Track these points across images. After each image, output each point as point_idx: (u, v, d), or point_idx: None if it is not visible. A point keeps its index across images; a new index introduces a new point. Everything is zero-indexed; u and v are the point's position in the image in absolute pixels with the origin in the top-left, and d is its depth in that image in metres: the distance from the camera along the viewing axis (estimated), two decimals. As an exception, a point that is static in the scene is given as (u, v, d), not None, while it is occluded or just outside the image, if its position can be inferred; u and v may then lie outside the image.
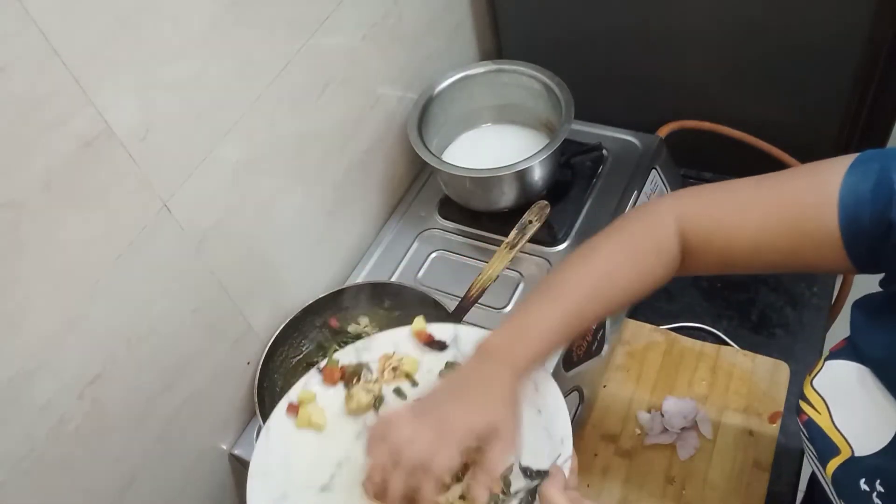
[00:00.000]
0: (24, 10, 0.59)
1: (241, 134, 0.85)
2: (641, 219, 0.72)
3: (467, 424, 0.61)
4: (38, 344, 0.68)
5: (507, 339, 0.68)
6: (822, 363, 0.68)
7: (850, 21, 1.02)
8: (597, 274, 0.70)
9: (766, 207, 0.66)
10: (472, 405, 0.63)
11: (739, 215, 0.67)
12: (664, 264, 0.70)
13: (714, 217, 0.69)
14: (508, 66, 1.16)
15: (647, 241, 0.70)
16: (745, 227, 0.66)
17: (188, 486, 0.92)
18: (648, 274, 0.71)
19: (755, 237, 0.66)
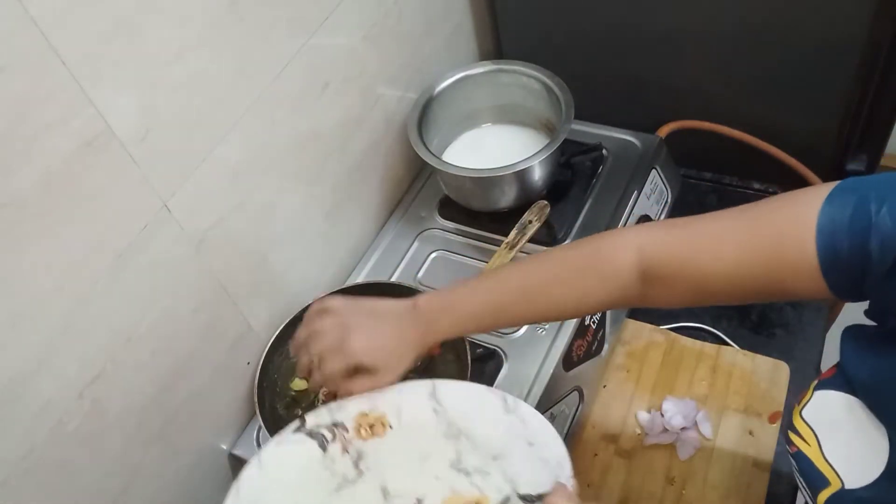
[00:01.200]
0: (24, 10, 0.59)
1: (241, 134, 0.85)
2: (601, 241, 0.73)
3: (360, 354, 0.71)
4: (38, 344, 0.68)
5: (438, 306, 0.74)
6: (812, 393, 0.67)
7: (850, 21, 1.02)
8: (534, 280, 0.73)
9: (743, 236, 0.64)
10: (376, 343, 0.72)
11: (716, 245, 0.66)
12: (607, 290, 0.71)
13: (688, 248, 0.67)
14: (508, 66, 1.16)
15: (595, 264, 0.71)
16: (721, 257, 0.65)
17: (188, 486, 0.92)
18: (582, 294, 0.72)
19: (732, 267, 0.64)
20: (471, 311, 0.74)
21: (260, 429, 0.95)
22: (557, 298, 0.73)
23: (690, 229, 0.68)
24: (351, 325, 0.72)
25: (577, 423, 1.01)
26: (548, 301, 0.73)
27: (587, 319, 1.01)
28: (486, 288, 0.74)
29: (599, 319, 1.05)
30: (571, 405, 1.00)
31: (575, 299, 0.72)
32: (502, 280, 0.75)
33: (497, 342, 0.99)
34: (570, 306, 0.73)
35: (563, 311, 0.74)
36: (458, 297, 0.74)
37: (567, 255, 0.74)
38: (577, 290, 0.72)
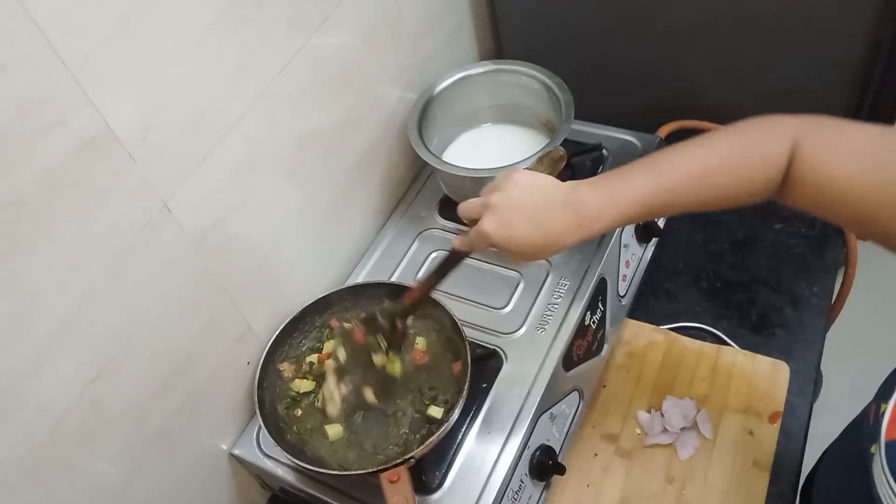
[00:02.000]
0: (23, 10, 0.59)
1: (241, 134, 0.85)
2: (762, 128, 0.71)
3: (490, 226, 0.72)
4: (38, 344, 0.68)
5: (600, 200, 0.71)
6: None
7: (850, 21, 1.03)
8: (700, 164, 0.71)
9: (867, 158, 0.62)
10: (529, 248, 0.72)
11: (841, 160, 0.64)
12: (765, 180, 0.69)
13: (820, 154, 0.66)
14: (508, 66, 1.16)
15: (759, 149, 0.69)
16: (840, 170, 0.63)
17: (188, 486, 0.92)
18: (747, 183, 0.70)
19: (846, 186, 0.63)
20: (636, 202, 0.71)
21: (260, 429, 0.95)
22: (723, 184, 0.71)
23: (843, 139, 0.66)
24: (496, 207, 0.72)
25: (577, 423, 1.01)
26: (714, 189, 0.71)
27: (587, 319, 1.01)
28: (652, 175, 0.71)
29: (599, 319, 1.05)
30: (571, 405, 1.00)
31: (737, 186, 0.70)
32: (666, 165, 0.72)
33: (497, 342, 0.99)
34: (733, 193, 0.71)
35: (727, 199, 0.72)
36: (621, 188, 0.71)
37: (732, 141, 0.71)
38: (743, 178, 0.70)
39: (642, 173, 0.72)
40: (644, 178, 0.71)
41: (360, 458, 0.90)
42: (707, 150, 0.72)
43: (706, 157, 0.71)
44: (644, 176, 0.71)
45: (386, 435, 0.91)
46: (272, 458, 0.95)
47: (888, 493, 0.62)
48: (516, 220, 0.71)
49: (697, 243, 1.24)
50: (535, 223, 0.71)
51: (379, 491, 0.82)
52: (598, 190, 0.72)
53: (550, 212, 0.71)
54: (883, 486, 0.63)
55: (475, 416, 0.93)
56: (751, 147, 0.70)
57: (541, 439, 0.93)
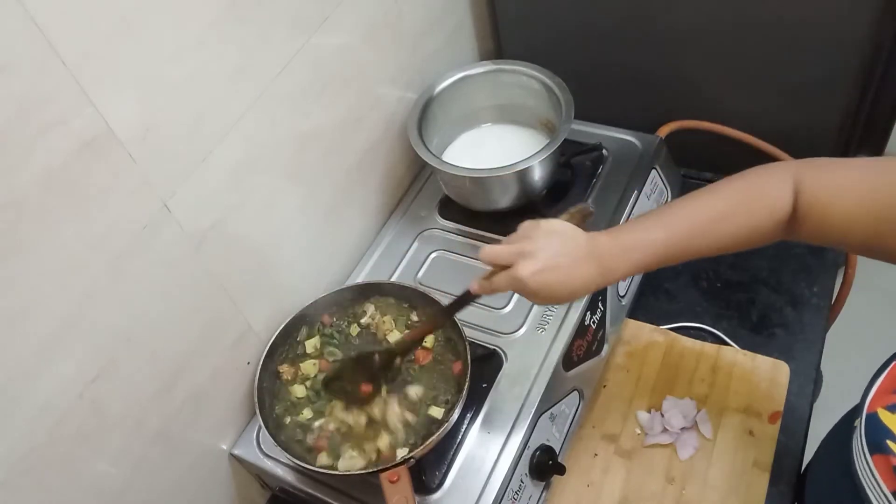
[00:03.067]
0: (24, 10, 0.59)
1: (241, 134, 0.85)
2: (764, 174, 0.75)
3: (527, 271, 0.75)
4: (38, 344, 0.68)
5: (615, 250, 0.77)
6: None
7: (850, 21, 1.03)
8: (711, 213, 0.76)
9: (863, 189, 0.67)
10: (558, 295, 0.77)
11: (838, 193, 0.69)
12: (774, 222, 0.74)
13: (819, 191, 0.71)
14: (508, 66, 1.16)
15: (764, 195, 0.74)
16: (838, 204, 0.69)
17: (188, 486, 0.92)
18: (757, 226, 0.75)
19: (846, 217, 0.68)
20: (653, 253, 0.76)
21: (260, 429, 0.95)
22: (734, 230, 0.75)
23: (852, 173, 0.71)
24: (533, 254, 0.76)
25: (577, 423, 1.01)
26: (725, 235, 0.76)
27: (587, 319, 1.01)
28: (663, 226, 0.76)
29: (599, 319, 1.05)
30: (571, 405, 1.00)
31: (748, 230, 0.75)
32: (682, 218, 0.77)
33: (497, 342, 0.99)
34: (744, 238, 0.76)
35: (738, 243, 0.77)
36: (634, 239, 0.77)
37: (738, 188, 0.76)
38: (752, 223, 0.75)
39: (655, 225, 0.77)
40: (657, 231, 0.76)
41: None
42: (714, 200, 0.77)
43: (712, 208, 0.76)
44: (657, 228, 0.77)
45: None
46: (272, 458, 0.95)
47: (864, 466, 0.63)
48: (550, 269, 0.75)
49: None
50: (566, 274, 0.76)
51: (379, 491, 0.82)
52: (617, 242, 0.77)
53: (577, 263, 0.76)
54: (860, 459, 0.64)
55: (475, 416, 0.93)
56: (755, 194, 0.75)
57: (541, 439, 0.93)
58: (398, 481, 0.82)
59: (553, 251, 0.76)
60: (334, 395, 0.93)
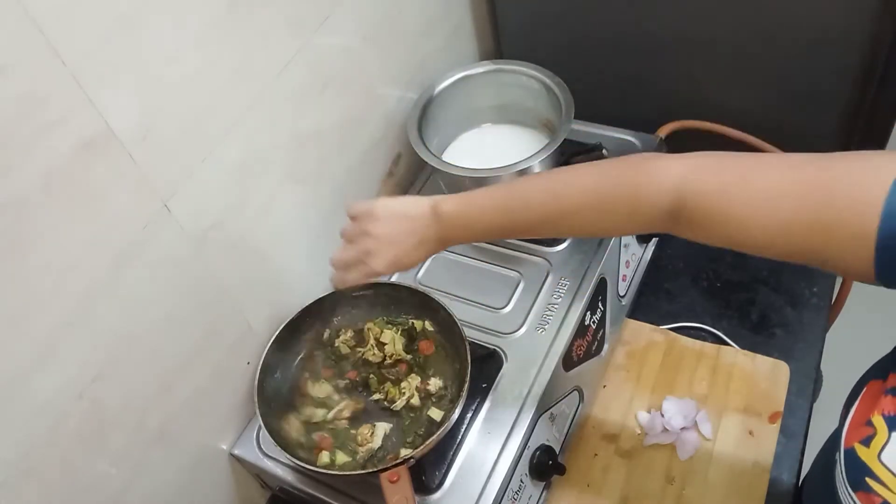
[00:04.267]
0: (23, 10, 0.59)
1: (241, 134, 0.85)
2: (638, 170, 0.68)
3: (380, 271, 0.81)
4: (38, 344, 0.68)
5: (459, 221, 0.78)
6: (888, 434, 0.58)
7: (850, 21, 1.03)
8: (563, 206, 0.72)
9: (798, 192, 0.58)
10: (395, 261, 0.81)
11: (764, 198, 0.60)
12: (635, 223, 0.70)
13: (733, 197, 0.62)
14: (508, 66, 1.16)
15: (629, 194, 0.68)
16: (768, 213, 0.60)
17: (188, 486, 0.92)
18: (613, 226, 0.73)
19: (775, 225, 0.60)
20: (488, 229, 0.77)
21: (260, 429, 0.95)
22: (583, 225, 0.72)
23: (741, 174, 0.63)
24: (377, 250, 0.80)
25: (577, 423, 1.01)
26: (571, 227, 0.74)
27: (587, 319, 1.01)
28: (511, 207, 0.75)
29: (599, 319, 1.05)
30: (571, 405, 1.00)
31: (601, 229, 0.74)
32: (528, 200, 0.74)
33: (497, 342, 0.99)
34: (592, 232, 0.76)
35: (583, 234, 0.77)
36: (479, 212, 0.77)
37: (601, 180, 0.70)
38: (606, 220, 0.70)
39: (504, 210, 0.76)
40: (505, 216, 0.75)
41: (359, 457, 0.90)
42: (572, 187, 0.71)
43: (568, 197, 0.71)
44: (505, 214, 0.75)
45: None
46: (272, 458, 0.95)
47: (848, 500, 0.60)
48: (400, 252, 0.80)
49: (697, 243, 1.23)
50: (414, 253, 0.80)
51: (379, 491, 0.82)
52: (461, 218, 0.78)
53: (423, 242, 0.80)
54: (844, 496, 0.61)
55: (475, 416, 0.93)
56: (619, 191, 0.69)
57: (541, 439, 0.93)
58: (398, 481, 0.82)
59: (399, 239, 0.80)
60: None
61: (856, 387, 0.65)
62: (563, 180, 0.73)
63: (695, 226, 0.65)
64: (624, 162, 0.70)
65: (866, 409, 0.61)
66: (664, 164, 0.67)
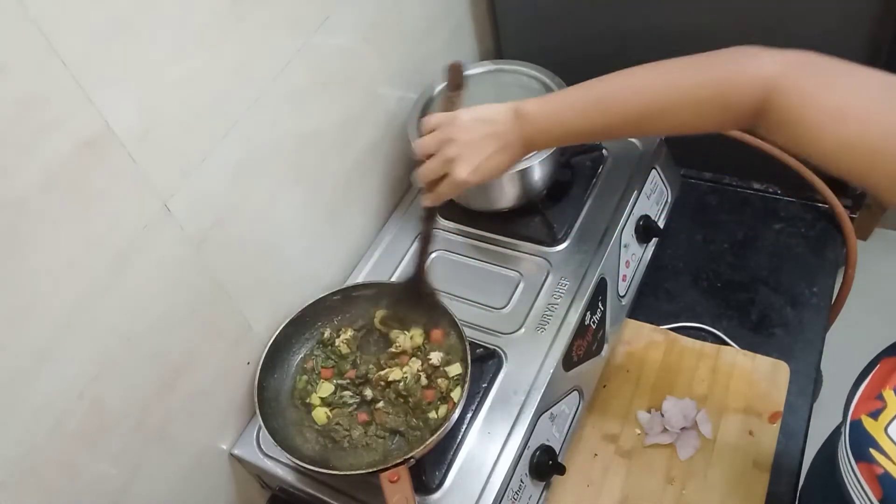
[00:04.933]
0: (24, 10, 0.59)
1: (241, 134, 0.85)
2: (735, 60, 0.68)
3: (464, 182, 0.78)
4: (38, 344, 0.68)
5: (544, 120, 0.76)
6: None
7: (850, 21, 1.03)
8: (652, 106, 0.71)
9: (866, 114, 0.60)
10: (478, 171, 0.78)
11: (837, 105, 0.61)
12: (725, 117, 0.69)
13: (812, 95, 0.62)
14: (508, 66, 1.16)
15: (724, 93, 0.67)
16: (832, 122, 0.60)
17: (188, 486, 0.92)
18: (700, 125, 0.70)
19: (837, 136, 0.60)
20: (572, 130, 0.75)
21: (260, 429, 0.95)
22: (671, 125, 0.72)
23: (827, 82, 0.63)
24: (460, 156, 0.77)
25: (577, 423, 1.01)
26: (659, 128, 0.73)
27: (587, 319, 1.01)
28: (599, 109, 0.74)
29: (599, 319, 1.05)
30: (571, 405, 1.00)
31: (689, 127, 0.71)
32: (617, 102, 0.73)
33: (497, 342, 0.99)
34: (680, 131, 0.72)
35: (679, 132, 0.73)
36: (566, 115, 0.75)
37: (693, 74, 0.70)
38: (695, 120, 0.70)
39: (594, 107, 0.75)
40: (593, 116, 0.74)
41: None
42: (660, 87, 0.72)
43: (662, 97, 0.71)
44: (594, 112, 0.74)
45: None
46: (272, 458, 0.95)
47: (850, 474, 0.62)
48: (484, 158, 0.77)
49: (697, 243, 1.24)
50: (499, 159, 0.77)
51: (379, 491, 0.82)
52: (545, 119, 0.76)
53: (507, 147, 0.77)
54: (846, 467, 0.62)
55: (475, 416, 0.93)
56: (715, 92, 0.68)
57: (541, 439, 0.93)
58: (398, 481, 0.82)
59: (477, 142, 0.77)
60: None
61: (868, 365, 0.65)
62: (649, 76, 0.72)
63: (773, 125, 0.65)
64: (716, 56, 0.69)
65: (877, 383, 0.62)
66: (760, 58, 0.66)
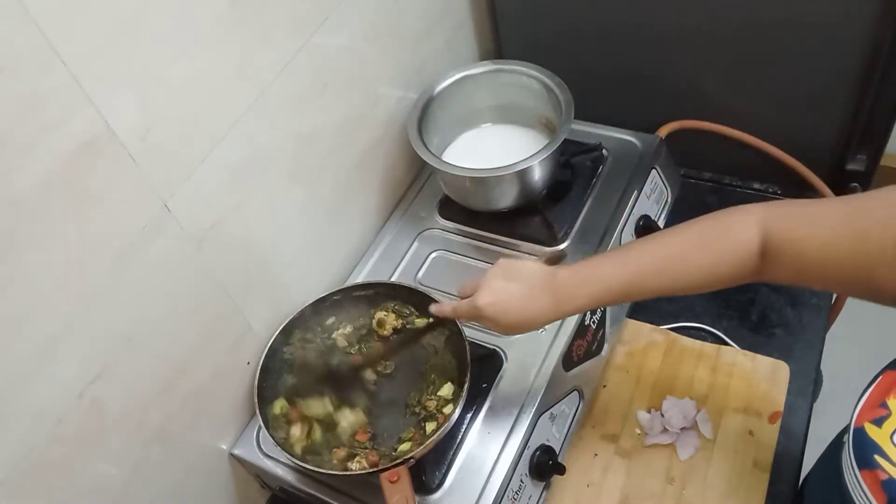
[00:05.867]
0: (24, 10, 0.59)
1: (241, 134, 0.85)
2: (727, 217, 0.75)
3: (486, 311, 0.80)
4: (39, 344, 0.68)
5: (572, 281, 0.79)
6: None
7: (851, 21, 1.02)
8: (668, 251, 0.77)
9: (837, 218, 0.67)
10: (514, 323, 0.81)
11: (812, 226, 0.68)
12: (737, 262, 0.73)
13: (791, 226, 0.70)
14: (508, 66, 1.16)
15: (725, 235, 0.74)
16: (814, 235, 0.68)
17: (188, 486, 0.92)
18: (717, 266, 0.75)
19: (823, 248, 0.67)
20: (609, 287, 0.78)
21: (260, 429, 0.95)
22: (693, 271, 0.76)
23: (803, 208, 0.71)
24: (485, 286, 0.81)
25: (577, 423, 1.01)
26: (681, 273, 0.76)
27: (587, 319, 1.01)
28: (621, 264, 0.78)
29: (599, 319, 1.05)
30: (571, 405, 1.00)
31: (707, 272, 0.75)
32: (640, 254, 0.78)
33: (497, 342, 0.99)
34: (702, 279, 0.76)
35: (700, 282, 0.77)
36: (597, 272, 0.79)
37: (698, 229, 0.77)
38: (712, 264, 0.75)
39: (613, 261, 0.80)
40: (614, 267, 0.79)
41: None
42: (673, 238, 0.78)
43: (670, 246, 0.78)
44: (614, 264, 0.79)
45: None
46: (272, 458, 0.95)
47: (853, 482, 0.62)
48: (506, 297, 0.80)
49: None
50: (521, 304, 0.80)
51: (379, 491, 0.82)
52: (574, 274, 0.80)
53: (533, 293, 0.80)
54: (849, 475, 0.63)
55: (475, 416, 0.93)
56: (719, 232, 0.75)
57: (541, 439, 0.93)
58: (398, 481, 0.82)
59: (509, 283, 0.80)
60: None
61: (872, 379, 0.66)
62: (663, 234, 0.80)
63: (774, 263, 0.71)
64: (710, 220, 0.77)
65: (881, 392, 0.63)
66: (745, 217, 0.74)
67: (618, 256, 0.80)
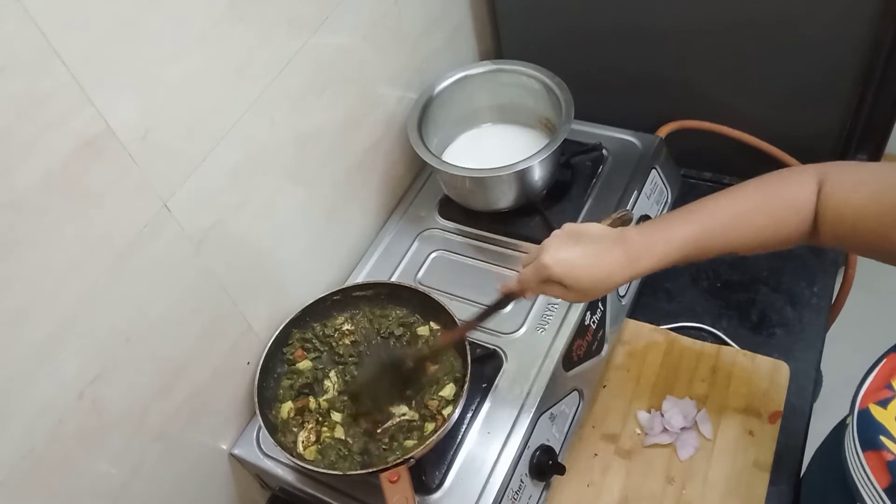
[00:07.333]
0: (24, 10, 0.59)
1: (241, 134, 0.85)
2: (788, 175, 0.76)
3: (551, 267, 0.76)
4: (38, 344, 0.68)
5: (641, 240, 0.77)
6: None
7: (850, 21, 1.02)
8: (734, 210, 0.77)
9: (874, 185, 0.67)
10: (568, 261, 0.76)
11: (852, 191, 0.69)
12: (798, 221, 0.74)
13: (834, 190, 0.71)
14: (508, 65, 1.16)
15: (787, 194, 0.74)
16: (851, 199, 0.69)
17: (188, 486, 0.92)
18: (781, 224, 0.75)
19: (880, 217, 0.66)
20: (674, 246, 0.76)
21: (260, 429, 0.95)
22: (758, 229, 0.76)
23: (864, 172, 0.71)
24: (549, 245, 0.78)
25: (577, 422, 1.01)
26: (748, 232, 0.76)
27: (587, 319, 1.01)
28: (688, 221, 0.77)
29: (599, 319, 1.05)
30: (571, 405, 1.00)
31: (772, 230, 0.75)
32: (708, 212, 0.77)
33: (497, 342, 0.99)
34: (767, 237, 0.76)
35: (761, 242, 0.77)
36: (667, 232, 0.77)
37: (763, 188, 0.77)
38: (776, 222, 0.75)
39: (680, 220, 0.78)
40: (681, 225, 0.77)
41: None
42: (738, 197, 0.78)
43: (740, 203, 0.77)
44: (681, 223, 0.77)
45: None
46: (272, 458, 0.95)
47: (856, 464, 0.63)
48: (575, 254, 0.76)
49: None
50: (592, 260, 0.76)
51: (379, 491, 0.82)
52: (643, 234, 0.77)
53: (603, 249, 0.76)
54: (852, 457, 0.63)
55: (475, 416, 0.93)
56: (781, 193, 0.76)
57: (541, 439, 0.93)
58: (398, 481, 0.82)
59: (577, 243, 0.77)
60: (357, 406, 0.94)
61: (875, 362, 0.67)
62: (729, 192, 0.78)
63: (828, 220, 0.72)
64: (773, 179, 0.77)
65: (886, 374, 0.64)
66: (804, 176, 0.74)
67: (685, 216, 0.78)
